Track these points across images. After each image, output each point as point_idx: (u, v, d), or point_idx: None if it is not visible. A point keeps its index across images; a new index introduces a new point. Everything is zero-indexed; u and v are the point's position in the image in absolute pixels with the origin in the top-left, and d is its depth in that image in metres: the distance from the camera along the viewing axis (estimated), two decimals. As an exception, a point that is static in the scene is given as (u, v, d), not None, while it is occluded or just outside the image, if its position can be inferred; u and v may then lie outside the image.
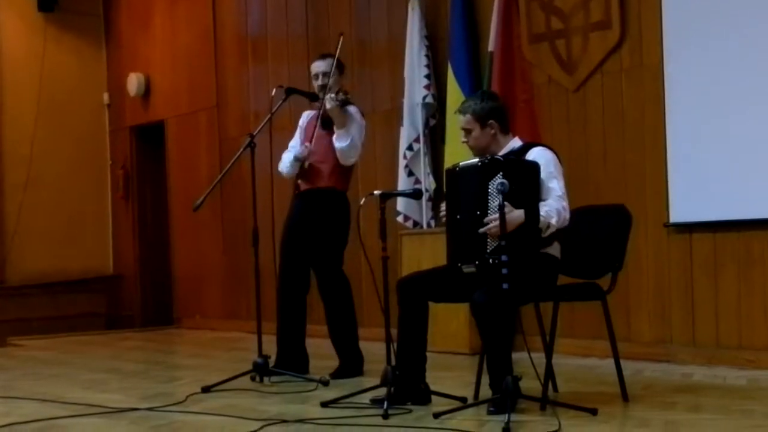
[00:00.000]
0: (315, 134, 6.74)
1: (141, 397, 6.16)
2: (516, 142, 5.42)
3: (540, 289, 5.27)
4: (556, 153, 5.34)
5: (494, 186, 4.91)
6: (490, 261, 4.98)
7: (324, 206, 6.71)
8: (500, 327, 4.98)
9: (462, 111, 5.40)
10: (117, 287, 12.77)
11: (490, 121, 5.32)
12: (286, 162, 6.86)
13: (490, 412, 5.00)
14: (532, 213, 5.02)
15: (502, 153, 5.32)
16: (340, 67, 6.88)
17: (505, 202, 4.88)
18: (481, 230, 4.99)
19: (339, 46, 6.79)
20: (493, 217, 4.96)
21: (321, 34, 9.68)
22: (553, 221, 5.08)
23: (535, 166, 5.14)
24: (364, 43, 9.19)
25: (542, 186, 5.15)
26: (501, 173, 4.95)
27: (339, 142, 6.63)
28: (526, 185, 5.05)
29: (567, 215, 5.16)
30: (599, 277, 5.51)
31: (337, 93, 6.59)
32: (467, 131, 5.37)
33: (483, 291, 4.99)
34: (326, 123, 6.71)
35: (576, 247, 5.40)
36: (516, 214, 4.98)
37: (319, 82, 6.80)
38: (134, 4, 12.55)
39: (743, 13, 6.59)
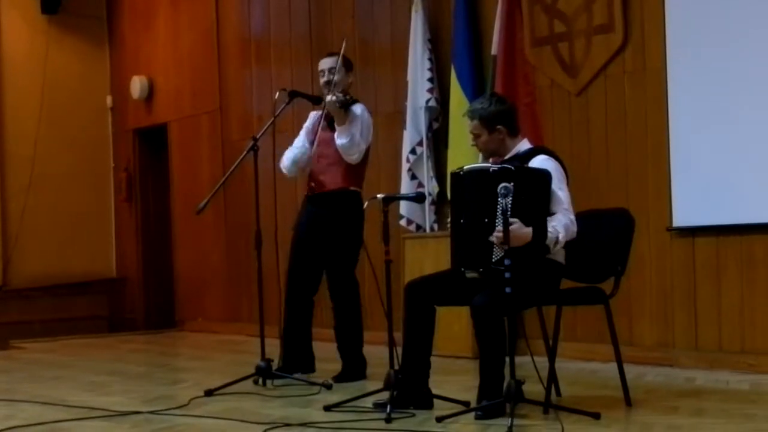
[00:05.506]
0: (321, 135, 6.74)
1: (143, 400, 6.16)
2: (524, 145, 5.41)
3: (543, 293, 5.27)
4: (560, 160, 5.34)
5: (497, 189, 4.90)
6: (495, 268, 4.97)
7: (337, 208, 6.70)
8: (496, 331, 4.98)
9: (470, 116, 5.40)
10: (119, 290, 12.77)
11: (498, 126, 5.31)
12: (286, 162, 6.86)
13: (478, 417, 5.00)
14: (540, 230, 5.01)
15: (508, 156, 5.33)
16: (348, 65, 6.85)
17: (516, 219, 4.88)
18: (491, 238, 4.97)
19: (342, 51, 6.77)
20: (499, 228, 4.94)
21: (324, 36, 9.67)
22: (560, 237, 5.08)
23: (546, 176, 5.11)
24: (367, 46, 9.19)
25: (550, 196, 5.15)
26: (512, 183, 4.93)
27: (339, 139, 6.63)
28: (536, 195, 5.05)
29: (575, 228, 5.16)
30: (602, 281, 5.51)
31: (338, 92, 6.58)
32: (476, 135, 5.38)
33: (483, 294, 4.99)
34: (333, 123, 6.71)
35: (579, 251, 5.39)
36: (524, 231, 4.96)
37: (325, 78, 6.78)
38: (137, 6, 12.55)
39: (746, 17, 6.58)
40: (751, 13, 6.56)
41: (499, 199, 4.87)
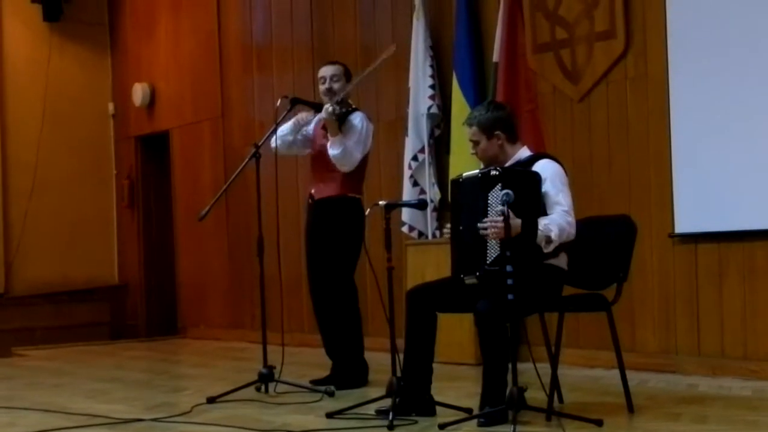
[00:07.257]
0: (320, 143, 6.78)
1: (145, 408, 6.16)
2: (524, 152, 5.42)
3: (545, 299, 5.27)
4: (562, 165, 5.34)
5: (498, 197, 4.92)
6: (490, 269, 4.98)
7: (336, 214, 6.71)
8: (500, 337, 4.98)
9: (468, 123, 5.41)
10: (121, 297, 12.76)
11: (496, 132, 5.32)
12: (284, 127, 6.79)
13: (480, 424, 4.99)
14: (530, 224, 5.01)
15: (509, 163, 5.33)
16: (348, 75, 6.88)
17: (509, 210, 4.89)
18: (480, 227, 4.97)
19: (384, 57, 6.77)
20: (490, 219, 4.96)
21: (326, 43, 9.68)
22: (553, 235, 5.05)
23: (535, 176, 5.13)
24: (369, 52, 9.18)
25: (547, 199, 5.15)
26: (500, 184, 4.96)
27: (332, 149, 6.64)
28: (525, 195, 5.05)
29: (572, 230, 5.15)
30: (604, 287, 5.51)
31: (336, 103, 6.58)
32: (475, 143, 5.38)
33: (486, 300, 4.99)
34: None
35: (581, 257, 5.40)
36: (515, 222, 4.97)
37: (326, 85, 6.80)
38: (139, 13, 12.56)
39: (748, 23, 6.58)
40: (753, 20, 6.56)
41: (498, 205, 4.89)
